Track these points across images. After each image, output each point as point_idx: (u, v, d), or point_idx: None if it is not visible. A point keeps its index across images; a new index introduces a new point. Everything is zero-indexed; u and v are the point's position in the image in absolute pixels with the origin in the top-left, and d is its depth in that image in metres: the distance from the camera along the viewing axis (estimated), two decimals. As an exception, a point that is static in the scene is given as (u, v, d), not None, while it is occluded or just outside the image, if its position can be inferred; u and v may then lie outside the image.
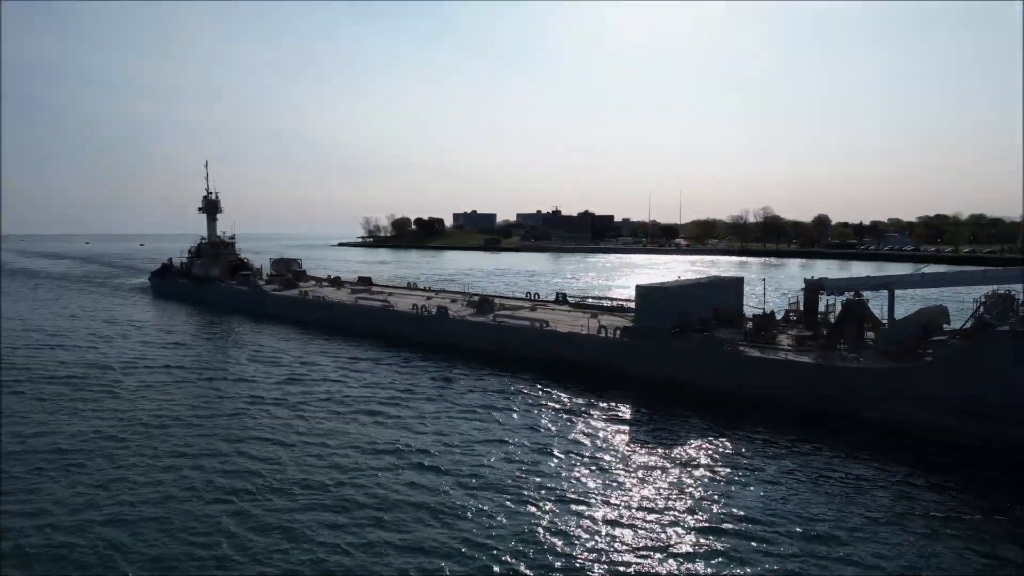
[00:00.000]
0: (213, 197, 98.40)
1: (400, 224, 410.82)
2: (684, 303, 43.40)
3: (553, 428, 32.77)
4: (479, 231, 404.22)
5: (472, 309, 57.29)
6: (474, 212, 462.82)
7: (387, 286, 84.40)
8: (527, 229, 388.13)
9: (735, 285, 49.91)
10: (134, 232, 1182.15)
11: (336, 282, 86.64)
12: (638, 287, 43.78)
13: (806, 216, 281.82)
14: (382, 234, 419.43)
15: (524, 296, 67.55)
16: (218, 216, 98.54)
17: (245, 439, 31.04)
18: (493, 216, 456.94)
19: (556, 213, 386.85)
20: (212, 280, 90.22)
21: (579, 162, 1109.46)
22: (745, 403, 35.97)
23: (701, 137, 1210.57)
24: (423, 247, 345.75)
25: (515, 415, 35.09)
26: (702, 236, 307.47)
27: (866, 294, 39.60)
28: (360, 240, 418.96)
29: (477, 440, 31.05)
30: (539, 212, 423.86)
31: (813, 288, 42.05)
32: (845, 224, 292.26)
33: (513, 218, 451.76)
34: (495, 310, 56.14)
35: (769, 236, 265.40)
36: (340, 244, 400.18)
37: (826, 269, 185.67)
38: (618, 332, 43.58)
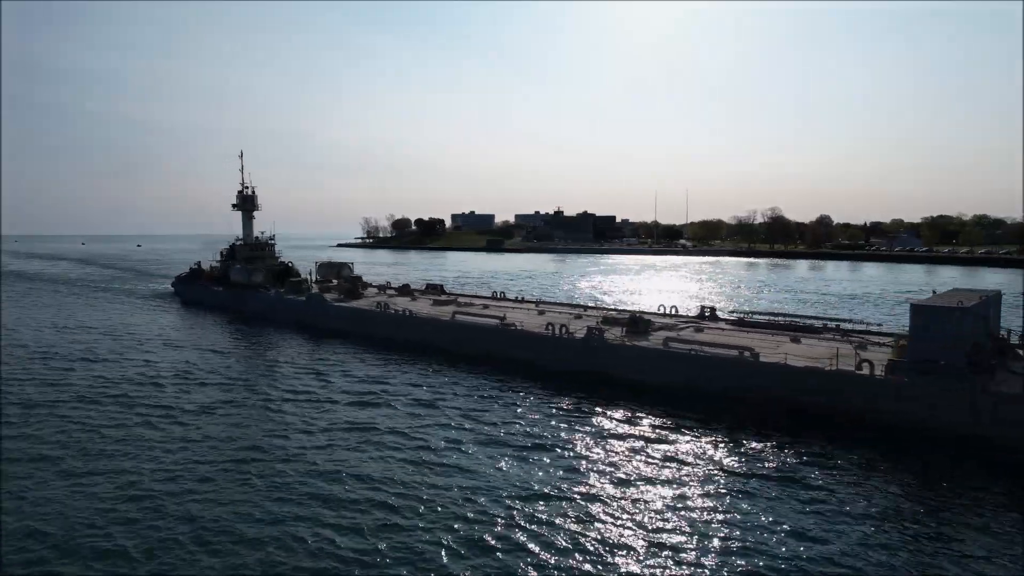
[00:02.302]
0: (249, 192, 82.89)
1: (400, 224, 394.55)
2: (976, 328, 29.98)
3: (808, 504, 21.50)
4: (478, 232, 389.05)
5: (619, 329, 43.17)
6: (472, 213, 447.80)
7: (463, 295, 69.73)
8: (528, 229, 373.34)
9: (996, 302, 36.46)
10: (129, 233, 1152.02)
11: (405, 290, 71.46)
12: (914, 306, 30.28)
13: (807, 217, 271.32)
14: (381, 235, 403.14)
15: (658, 311, 53.06)
16: (255, 214, 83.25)
17: (354, 485, 23.58)
18: (491, 217, 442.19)
19: (558, 214, 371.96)
20: (255, 287, 74.97)
21: (577, 163, 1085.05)
22: None
23: (706, 138, 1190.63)
24: (424, 248, 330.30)
25: (743, 482, 23.58)
26: (706, 237, 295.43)
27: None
28: (359, 241, 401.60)
29: (696, 520, 20.67)
30: (537, 213, 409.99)
31: None
32: (847, 225, 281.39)
33: (511, 219, 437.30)
34: (652, 330, 42.36)
35: (776, 237, 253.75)
36: (339, 245, 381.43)
37: (835, 270, 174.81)
38: (883, 368, 30.11)
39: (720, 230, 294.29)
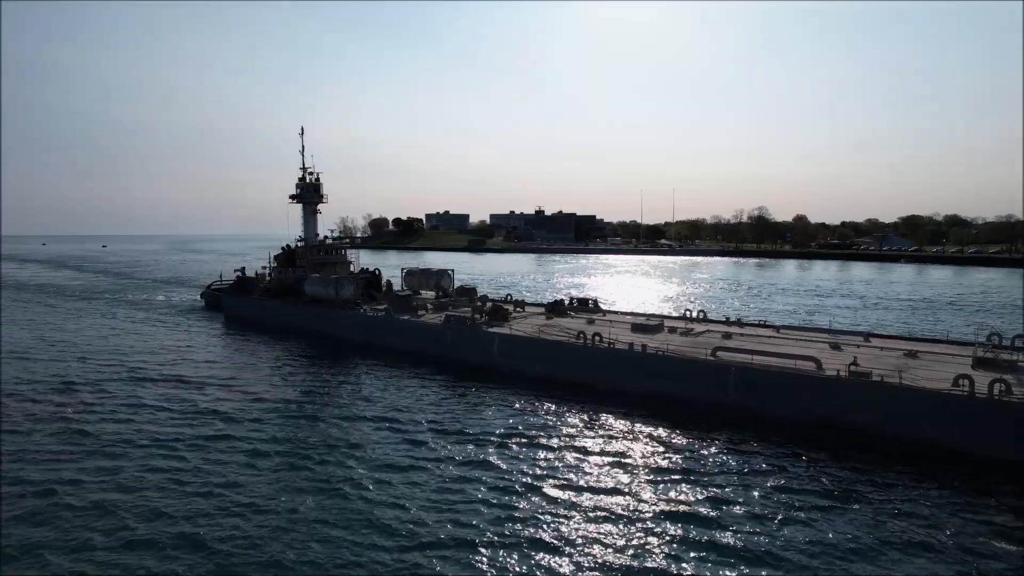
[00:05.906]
0: (314, 180, 61.24)
1: (377, 224, 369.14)
2: None
3: None
4: (455, 231, 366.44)
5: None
6: (447, 212, 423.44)
7: (664, 316, 48.36)
8: (509, 229, 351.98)
9: None
10: (90, 233, 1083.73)
11: (559, 308, 49.27)
12: None
13: (783, 217, 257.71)
14: (358, 234, 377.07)
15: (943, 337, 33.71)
16: (320, 208, 62.21)
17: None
18: (466, 216, 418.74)
19: (539, 213, 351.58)
20: (346, 304, 52.80)
21: (553, 164, 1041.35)
22: None
23: (691, 138, 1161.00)
24: (403, 248, 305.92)
25: None
26: (690, 236, 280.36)
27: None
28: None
29: None
30: (513, 212, 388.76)
31: None
32: (823, 225, 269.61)
33: (486, 219, 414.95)
34: None
35: (763, 236, 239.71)
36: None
37: (824, 270, 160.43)
38: None
39: (702, 230, 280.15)
